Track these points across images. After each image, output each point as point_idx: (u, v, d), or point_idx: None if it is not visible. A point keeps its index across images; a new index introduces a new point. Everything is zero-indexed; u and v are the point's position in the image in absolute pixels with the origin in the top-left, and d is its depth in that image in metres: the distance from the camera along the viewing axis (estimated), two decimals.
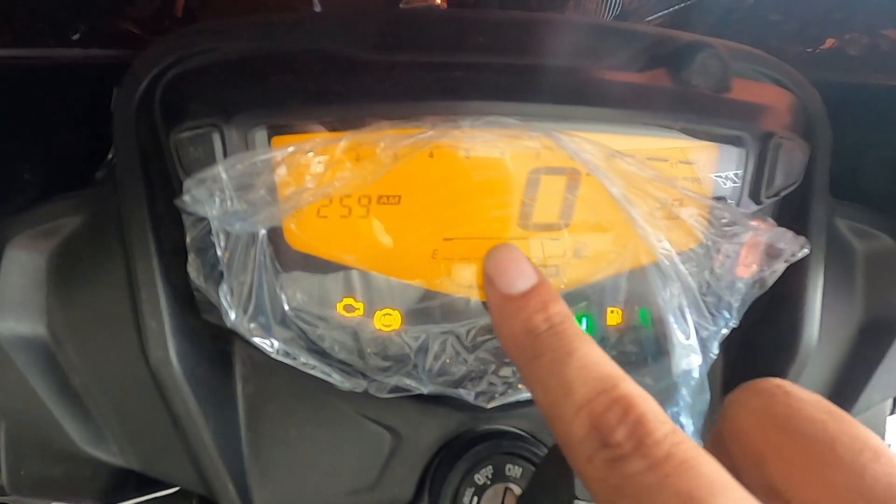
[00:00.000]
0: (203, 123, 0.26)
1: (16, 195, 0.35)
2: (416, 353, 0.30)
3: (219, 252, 0.27)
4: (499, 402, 0.31)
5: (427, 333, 0.30)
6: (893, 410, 0.43)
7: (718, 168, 0.31)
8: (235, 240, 0.27)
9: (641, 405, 0.17)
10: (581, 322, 0.31)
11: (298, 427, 0.33)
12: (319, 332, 0.29)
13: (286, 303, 0.29)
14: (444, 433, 0.33)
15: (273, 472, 0.33)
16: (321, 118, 0.27)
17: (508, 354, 0.23)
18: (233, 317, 0.28)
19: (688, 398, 0.28)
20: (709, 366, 0.29)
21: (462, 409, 0.32)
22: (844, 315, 0.36)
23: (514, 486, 0.31)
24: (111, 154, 0.34)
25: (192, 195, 0.25)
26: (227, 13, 0.44)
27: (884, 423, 0.41)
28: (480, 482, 0.31)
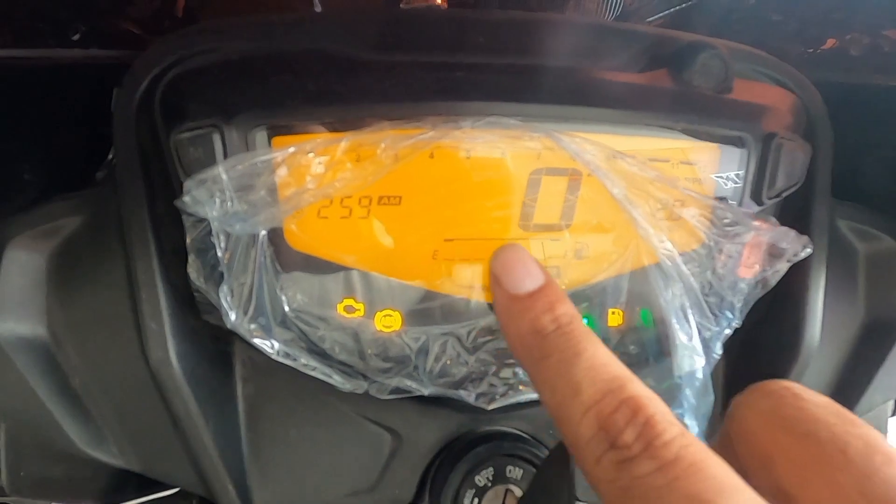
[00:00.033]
0: (203, 124, 0.26)
1: (16, 195, 0.35)
2: (417, 355, 0.30)
3: (219, 253, 0.27)
4: (499, 404, 0.31)
5: (428, 335, 0.30)
6: (895, 412, 0.42)
7: (720, 169, 0.30)
8: (236, 241, 0.27)
9: (650, 406, 0.17)
10: None
11: (299, 428, 0.33)
12: (320, 334, 0.29)
13: (286, 304, 0.29)
14: (445, 434, 0.33)
15: (273, 473, 0.33)
16: (322, 119, 0.27)
17: (515, 355, 0.23)
18: (233, 318, 0.28)
19: (692, 399, 0.28)
20: (712, 367, 0.29)
21: (463, 411, 0.32)
22: (846, 316, 0.36)
23: (515, 488, 0.31)
24: (111, 154, 0.34)
25: (193, 196, 0.25)
26: (228, 13, 0.44)
27: (885, 425, 0.41)
28: (481, 484, 0.31)
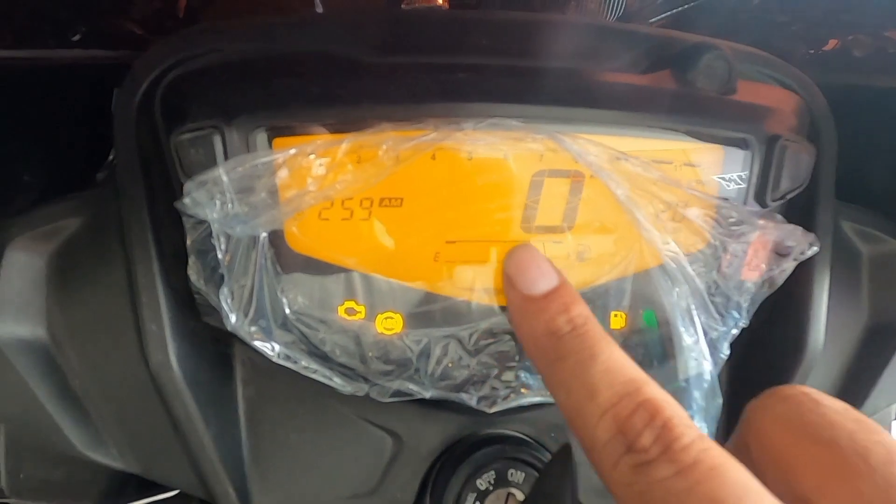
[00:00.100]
0: (204, 125, 0.26)
1: (16, 197, 0.35)
2: (418, 357, 0.30)
3: (219, 255, 0.27)
4: (501, 407, 0.30)
5: (429, 337, 0.30)
6: None
7: (723, 170, 0.30)
8: (236, 242, 0.27)
9: (667, 409, 0.17)
10: None
11: (299, 431, 0.33)
12: (321, 336, 0.29)
13: (287, 306, 0.29)
14: (446, 438, 0.33)
15: (274, 476, 0.33)
16: (323, 120, 0.27)
17: (528, 356, 0.23)
18: (233, 320, 0.27)
19: (700, 402, 0.28)
20: (719, 368, 0.29)
21: (464, 414, 0.32)
22: (850, 318, 0.35)
23: (517, 492, 0.31)
24: (112, 155, 0.34)
25: (193, 198, 0.25)
26: (229, 14, 0.43)
27: (889, 428, 0.41)
28: (483, 487, 0.31)
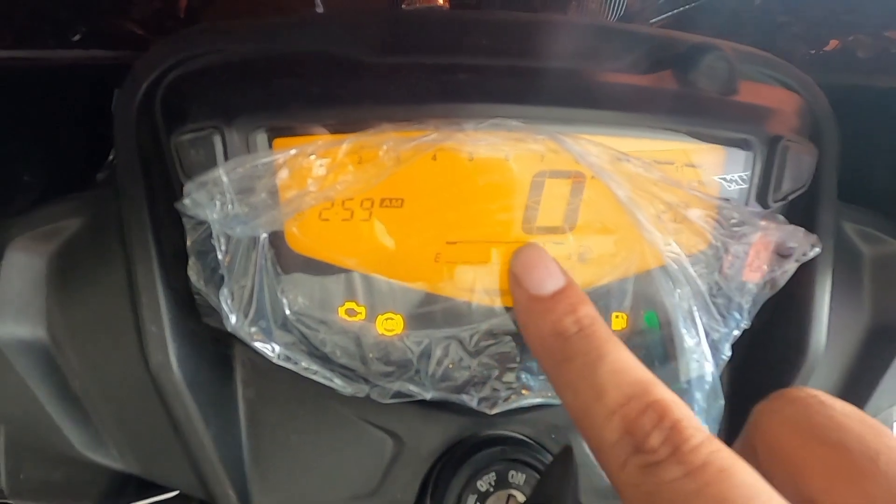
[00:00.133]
0: (204, 126, 0.26)
1: (16, 197, 0.35)
2: (419, 358, 0.30)
3: (219, 255, 0.27)
4: (502, 408, 0.30)
5: (430, 338, 0.29)
6: None
7: (725, 171, 0.30)
8: (236, 243, 0.27)
9: (676, 411, 0.17)
10: None
11: (299, 432, 0.33)
12: (321, 337, 0.29)
13: (287, 307, 0.29)
14: (447, 439, 0.33)
15: (274, 477, 0.33)
16: (323, 121, 0.26)
17: (535, 356, 0.23)
18: (233, 321, 0.27)
19: (702, 403, 0.28)
20: (721, 369, 0.29)
21: (465, 415, 0.32)
22: (852, 320, 0.35)
23: (518, 493, 0.31)
24: (112, 156, 0.34)
25: (193, 198, 0.25)
26: (229, 14, 0.43)
27: (891, 430, 0.41)
28: (483, 489, 0.31)
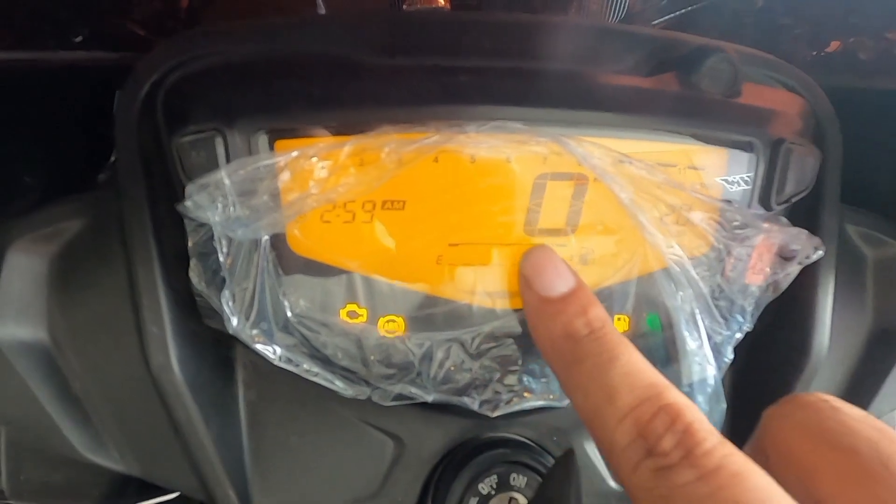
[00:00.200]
0: (205, 127, 0.26)
1: (17, 198, 0.35)
2: (421, 361, 0.29)
3: (221, 258, 0.27)
4: (504, 411, 0.30)
5: (431, 340, 0.29)
6: None
7: (727, 173, 0.30)
8: (238, 245, 0.27)
9: (689, 414, 0.17)
10: None
11: (301, 434, 0.32)
12: (322, 339, 0.29)
13: (289, 309, 0.29)
14: (448, 441, 0.33)
15: (275, 479, 0.33)
16: (325, 123, 0.26)
17: (545, 358, 0.23)
18: (235, 323, 0.27)
19: (704, 407, 0.27)
20: (723, 372, 0.29)
21: (466, 418, 0.32)
22: (854, 323, 0.35)
23: (519, 496, 0.31)
24: (113, 157, 0.34)
25: (194, 200, 0.25)
26: (231, 15, 0.43)
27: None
28: (485, 491, 0.31)
